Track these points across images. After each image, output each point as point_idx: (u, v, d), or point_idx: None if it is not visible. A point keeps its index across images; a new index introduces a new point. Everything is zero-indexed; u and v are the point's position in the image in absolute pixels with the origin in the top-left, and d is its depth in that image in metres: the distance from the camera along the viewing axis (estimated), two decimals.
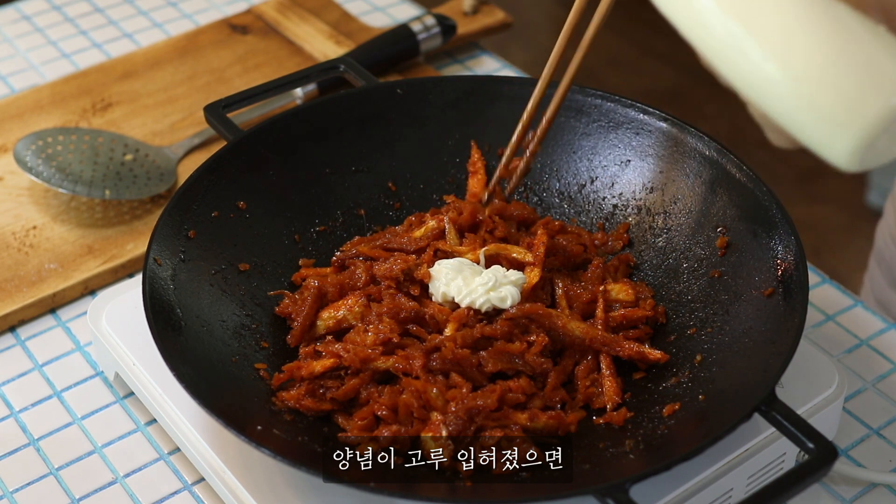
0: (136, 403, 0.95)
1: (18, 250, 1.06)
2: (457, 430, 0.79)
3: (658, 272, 0.94)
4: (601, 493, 0.72)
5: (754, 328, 0.84)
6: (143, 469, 0.90)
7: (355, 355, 0.84)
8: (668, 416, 0.81)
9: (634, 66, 2.91)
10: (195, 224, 0.92)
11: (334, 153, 1.01)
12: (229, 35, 1.35)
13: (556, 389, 0.84)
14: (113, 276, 1.05)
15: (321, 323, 0.89)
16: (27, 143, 1.12)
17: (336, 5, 1.39)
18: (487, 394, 0.81)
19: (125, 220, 1.09)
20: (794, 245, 0.85)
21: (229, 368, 0.85)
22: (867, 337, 0.99)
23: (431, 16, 1.30)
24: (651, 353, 0.86)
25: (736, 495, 0.83)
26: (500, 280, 0.87)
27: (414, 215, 0.97)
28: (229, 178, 0.96)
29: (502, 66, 1.33)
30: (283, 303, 0.91)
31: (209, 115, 1.01)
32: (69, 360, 0.99)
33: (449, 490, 0.78)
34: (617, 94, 0.99)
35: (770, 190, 0.89)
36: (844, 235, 2.39)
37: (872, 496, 0.87)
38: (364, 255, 0.93)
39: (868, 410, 0.93)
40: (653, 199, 0.96)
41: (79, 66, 1.34)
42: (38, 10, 1.44)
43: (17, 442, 0.92)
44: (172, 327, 0.84)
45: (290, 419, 0.82)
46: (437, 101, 1.03)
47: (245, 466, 0.83)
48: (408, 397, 0.81)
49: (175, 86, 1.27)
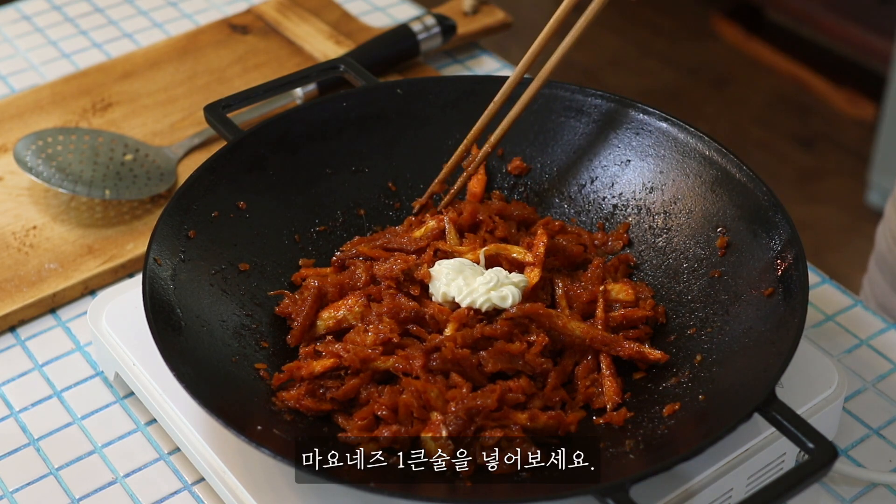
0: (136, 403, 0.95)
1: (18, 250, 1.06)
2: (457, 431, 0.79)
3: (658, 272, 0.94)
4: (601, 493, 0.72)
5: (754, 328, 0.84)
6: (143, 469, 0.90)
7: (355, 355, 0.84)
8: (668, 416, 0.81)
9: (634, 66, 2.91)
10: (195, 224, 0.92)
11: (334, 153, 1.01)
12: (229, 35, 1.35)
13: (556, 389, 0.84)
14: (113, 276, 1.05)
15: (321, 323, 0.89)
16: (27, 143, 1.12)
17: (336, 5, 1.39)
18: (487, 394, 0.81)
19: (125, 220, 1.09)
20: (794, 245, 0.85)
21: (229, 368, 0.85)
22: (867, 337, 0.99)
23: (431, 16, 1.30)
24: (651, 353, 0.86)
25: (736, 495, 0.83)
26: (502, 280, 0.87)
27: (414, 215, 0.97)
28: (229, 178, 0.96)
29: (502, 66, 1.33)
30: (283, 303, 0.91)
31: (209, 115, 1.01)
32: (69, 360, 0.99)
33: (449, 490, 0.78)
34: (617, 94, 0.99)
35: (770, 190, 0.89)
36: (844, 235, 2.39)
37: (872, 496, 0.87)
38: (364, 255, 0.93)
39: (868, 410, 0.93)
40: (653, 199, 0.96)
41: (79, 66, 1.34)
42: (38, 10, 1.44)
43: (17, 442, 0.92)
44: (172, 327, 0.84)
45: (290, 419, 0.82)
46: (437, 101, 1.03)
47: (245, 466, 0.83)
48: (408, 397, 0.81)
49: (175, 86, 1.27)
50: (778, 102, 2.78)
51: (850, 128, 2.69)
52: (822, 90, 2.77)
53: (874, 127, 2.51)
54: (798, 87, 2.81)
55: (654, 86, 2.83)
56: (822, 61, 2.84)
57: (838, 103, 2.74)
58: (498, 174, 1.02)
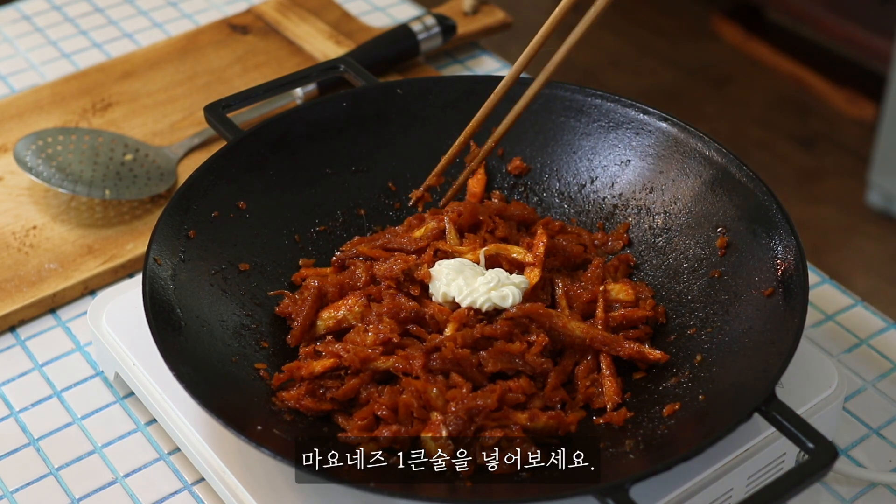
0: (136, 403, 0.95)
1: (18, 250, 1.06)
2: (457, 431, 0.79)
3: (658, 272, 0.94)
4: (601, 493, 0.72)
5: (754, 328, 0.84)
6: (143, 469, 0.90)
7: (355, 355, 0.84)
8: (668, 416, 0.81)
9: (634, 66, 2.91)
10: (195, 224, 0.92)
11: (334, 153, 1.01)
12: (229, 35, 1.35)
13: (556, 389, 0.84)
14: (113, 276, 1.05)
15: (321, 323, 0.89)
16: (27, 143, 1.12)
17: (336, 5, 1.39)
18: (487, 394, 0.81)
19: (125, 220, 1.09)
20: (794, 245, 0.85)
21: (229, 368, 0.85)
22: (867, 337, 0.99)
23: (431, 16, 1.30)
24: (651, 353, 0.86)
25: (736, 495, 0.83)
26: (503, 280, 0.87)
27: (414, 216, 0.97)
28: (229, 178, 0.96)
29: (502, 66, 1.33)
30: (283, 303, 0.91)
31: (209, 116, 1.01)
32: (69, 360, 0.99)
33: (449, 490, 0.78)
34: (617, 94, 0.99)
35: (770, 190, 0.89)
36: (844, 235, 2.39)
37: (872, 496, 0.87)
38: (364, 256, 0.93)
39: (868, 410, 0.93)
40: (653, 199, 0.96)
41: (79, 66, 1.34)
42: (38, 10, 1.44)
43: (17, 442, 0.92)
44: (172, 327, 0.84)
45: (290, 419, 0.82)
46: (437, 101, 1.03)
47: (245, 466, 0.83)
48: (408, 397, 0.81)
49: (175, 86, 1.27)
50: (778, 102, 2.78)
51: (850, 128, 2.69)
52: (822, 90, 2.77)
53: (874, 127, 2.51)
54: (798, 87, 2.81)
55: (654, 86, 2.83)
56: (822, 61, 2.84)
57: (838, 103, 2.74)
58: (498, 174, 1.02)
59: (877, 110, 2.60)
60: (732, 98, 2.81)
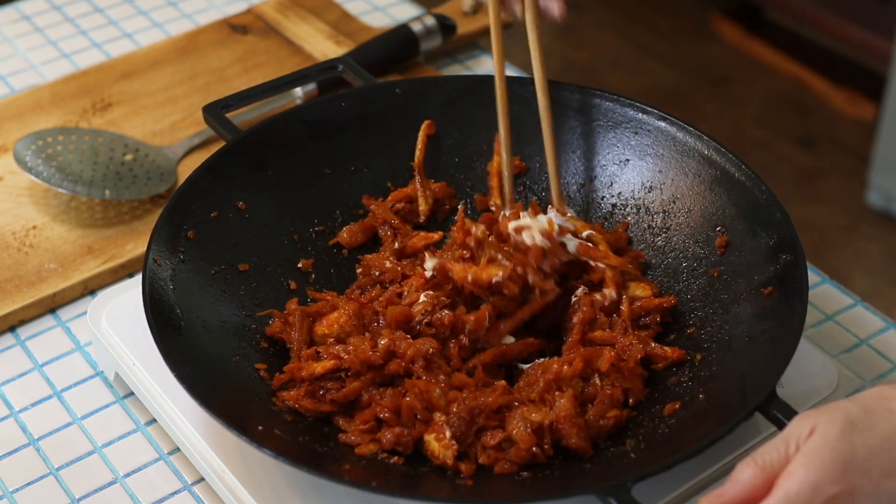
0: (136, 403, 0.95)
1: (18, 250, 1.06)
2: (460, 431, 0.79)
3: (657, 271, 0.94)
4: (603, 492, 0.72)
5: (754, 328, 0.84)
6: (143, 469, 0.90)
7: (356, 357, 0.83)
8: (668, 416, 0.82)
9: (634, 66, 2.91)
10: (195, 224, 0.92)
11: (334, 153, 1.01)
12: (229, 35, 1.35)
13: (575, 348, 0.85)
14: (113, 276, 1.05)
15: (318, 340, 0.88)
16: (27, 143, 1.12)
17: (336, 5, 1.39)
18: (488, 393, 0.81)
19: (125, 220, 1.09)
20: (793, 245, 0.85)
21: (229, 368, 0.85)
22: (867, 337, 0.99)
23: (431, 16, 1.30)
24: (672, 352, 0.85)
25: None
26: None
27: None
28: (229, 178, 0.96)
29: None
30: (274, 323, 0.89)
31: (207, 116, 1.01)
32: (69, 360, 0.99)
33: (450, 489, 0.78)
34: (616, 94, 0.99)
35: (770, 190, 0.89)
36: (844, 235, 2.39)
37: None
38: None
39: None
40: (652, 198, 0.96)
41: (79, 66, 1.34)
42: (38, 10, 1.44)
43: (17, 442, 0.92)
44: (172, 327, 0.84)
45: (290, 419, 0.82)
46: (437, 101, 1.03)
47: (245, 466, 0.83)
48: (411, 400, 0.81)
49: (175, 86, 1.27)
50: (778, 102, 2.78)
51: (850, 128, 2.69)
52: (822, 90, 2.77)
53: (874, 127, 2.51)
54: (798, 87, 2.81)
55: (654, 86, 2.83)
56: (822, 61, 2.84)
57: (838, 103, 2.74)
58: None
59: (877, 110, 2.60)
60: (732, 98, 2.81)
